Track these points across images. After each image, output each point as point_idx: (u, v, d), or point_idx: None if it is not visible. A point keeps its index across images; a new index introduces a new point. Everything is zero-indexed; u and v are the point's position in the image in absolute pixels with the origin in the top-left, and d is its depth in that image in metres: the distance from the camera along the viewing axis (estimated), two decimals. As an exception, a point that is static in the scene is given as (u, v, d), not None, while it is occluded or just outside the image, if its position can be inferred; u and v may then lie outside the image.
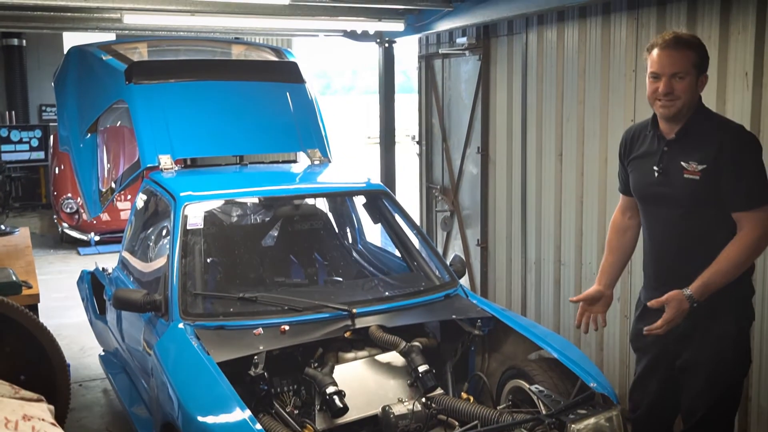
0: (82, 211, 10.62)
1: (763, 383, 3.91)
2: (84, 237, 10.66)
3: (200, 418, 3.01)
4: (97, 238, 10.60)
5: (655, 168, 3.09)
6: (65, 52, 6.13)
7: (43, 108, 13.34)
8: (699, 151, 2.96)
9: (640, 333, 3.21)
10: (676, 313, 2.96)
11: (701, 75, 3.00)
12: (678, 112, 2.99)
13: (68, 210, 10.77)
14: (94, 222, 10.39)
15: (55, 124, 12.52)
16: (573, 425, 3.15)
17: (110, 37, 8.71)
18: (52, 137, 12.02)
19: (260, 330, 3.58)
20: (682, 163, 2.99)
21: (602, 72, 4.84)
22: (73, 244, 10.83)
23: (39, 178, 13.18)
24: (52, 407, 2.22)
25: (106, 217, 10.39)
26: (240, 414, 2.97)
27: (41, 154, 12.91)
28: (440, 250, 6.80)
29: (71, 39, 12.67)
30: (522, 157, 5.75)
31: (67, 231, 10.82)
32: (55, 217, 11.20)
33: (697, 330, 3.09)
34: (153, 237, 4.66)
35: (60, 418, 2.85)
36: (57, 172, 11.29)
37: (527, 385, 3.56)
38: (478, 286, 6.47)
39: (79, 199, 10.60)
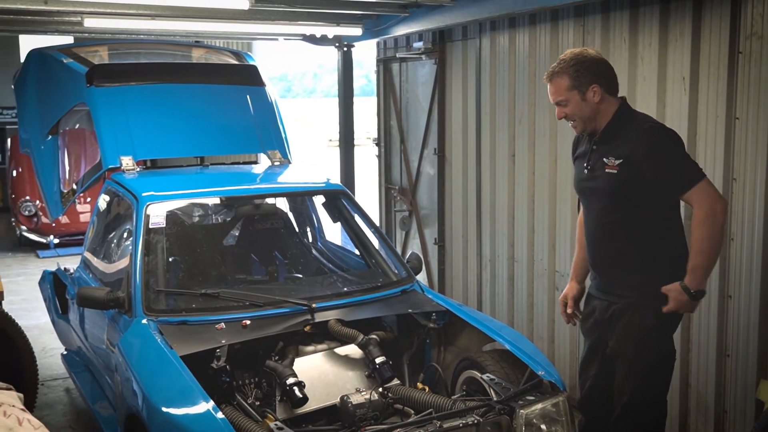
0: (41, 213, 10.57)
1: (701, 370, 4.12)
2: (43, 240, 10.59)
3: (165, 409, 3.11)
4: (56, 240, 10.55)
5: (585, 165, 3.38)
6: (21, 54, 6.16)
7: (0, 110, 13.21)
8: (618, 148, 3.23)
9: (584, 318, 3.51)
10: (677, 304, 3.18)
11: (586, 90, 3.25)
12: (584, 128, 3.34)
13: (27, 213, 10.70)
14: (53, 225, 10.34)
15: (12, 126, 12.51)
16: (522, 410, 3.31)
17: (68, 40, 8.70)
18: (9, 140, 11.92)
19: (222, 325, 3.69)
20: (604, 159, 3.26)
21: (552, 76, 5.03)
22: (32, 247, 10.76)
23: (-5, 181, 13.06)
24: (21, 395, 2.31)
25: (66, 220, 10.34)
26: (204, 405, 3.07)
27: (-2, 157, 12.82)
28: (399, 249, 6.96)
29: (27, 42, 12.58)
30: (477, 158, 5.94)
31: (25, 234, 10.74)
32: (13, 220, 11.11)
33: (621, 319, 3.32)
34: (116, 237, 4.73)
35: (29, 406, 2.93)
36: (15, 174, 11.21)
37: (480, 375, 3.73)
38: (436, 284, 6.64)
39: (38, 201, 10.54)
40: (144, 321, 3.72)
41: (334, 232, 5.54)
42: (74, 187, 5.57)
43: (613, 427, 3.47)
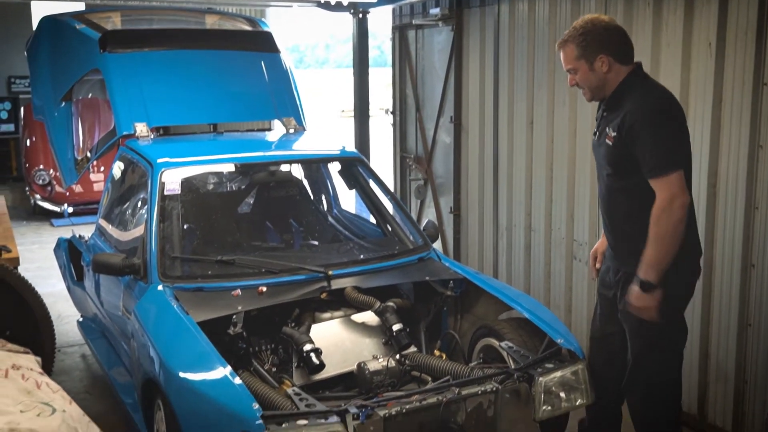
0: (55, 182, 10.57)
1: (722, 341, 4.07)
2: (57, 209, 10.61)
3: (182, 375, 3.10)
4: (70, 209, 10.56)
5: (596, 131, 3.39)
6: (34, 22, 6.10)
7: (12, 80, 13.18)
8: (616, 119, 3.18)
9: (600, 276, 3.54)
10: (637, 307, 3.15)
11: (593, 60, 3.21)
12: (592, 97, 3.33)
13: (41, 182, 10.70)
14: (67, 193, 10.35)
15: (26, 96, 12.49)
16: (540, 378, 3.29)
17: (80, 6, 8.62)
18: (22, 109, 11.90)
19: (238, 291, 3.67)
20: (607, 129, 3.24)
21: (572, 42, 4.93)
22: (46, 216, 10.78)
23: (9, 151, 13.06)
24: (39, 359, 2.30)
25: (79, 189, 10.34)
26: (221, 370, 3.06)
27: (11, 127, 12.80)
28: (414, 218, 6.90)
29: (39, 9, 12.51)
30: (494, 126, 5.86)
31: (39, 203, 10.76)
32: (27, 189, 11.12)
33: (627, 285, 3.24)
34: (130, 204, 4.70)
35: (46, 371, 2.93)
36: (29, 144, 11.20)
37: (497, 343, 3.70)
38: (451, 252, 6.60)
39: (51, 170, 10.54)
40: (160, 287, 3.71)
41: (348, 201, 5.50)
42: (88, 154, 5.54)
43: (624, 390, 3.46)
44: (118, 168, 5.03)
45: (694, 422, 4.27)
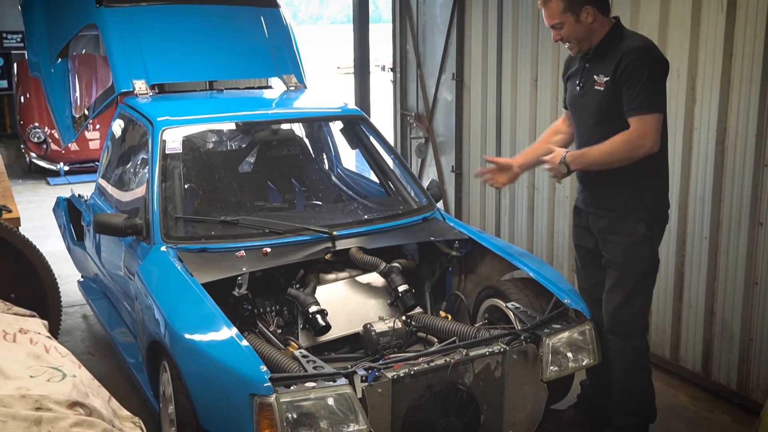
0: (51, 140, 10.48)
1: (728, 298, 4.07)
2: (53, 167, 10.55)
3: (188, 336, 3.08)
4: (66, 168, 10.50)
5: (578, 83, 3.46)
6: (25, -24, 5.96)
7: (5, 35, 12.95)
8: (605, 66, 3.31)
9: (577, 231, 3.72)
10: (551, 166, 3.43)
11: (579, 11, 3.30)
12: (579, 49, 3.41)
13: (36, 139, 10.61)
14: (63, 152, 10.27)
15: (18, 52, 12.30)
16: (548, 339, 3.28)
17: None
18: (15, 65, 11.73)
19: (242, 252, 3.63)
20: (594, 77, 3.36)
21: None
22: (42, 174, 10.71)
23: (3, 108, 12.92)
24: (45, 322, 2.26)
25: (75, 147, 10.26)
26: (227, 331, 3.04)
27: (4, 83, 12.64)
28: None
29: (31, -37, 12.28)
30: (497, 83, 5.77)
31: (35, 161, 10.68)
32: (22, 146, 11.03)
33: (613, 230, 3.45)
34: (131, 163, 4.64)
35: (53, 333, 2.90)
36: (23, 101, 11.07)
37: (503, 303, 3.68)
38: (453, 212, 6.56)
39: (46, 128, 10.44)
40: (163, 248, 3.67)
41: (349, 159, 5.44)
42: (86, 111, 5.46)
43: (602, 336, 3.55)
44: (117, 126, 4.96)
45: (699, 379, 4.29)
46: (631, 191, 3.40)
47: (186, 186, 4.17)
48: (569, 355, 3.36)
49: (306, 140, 5.10)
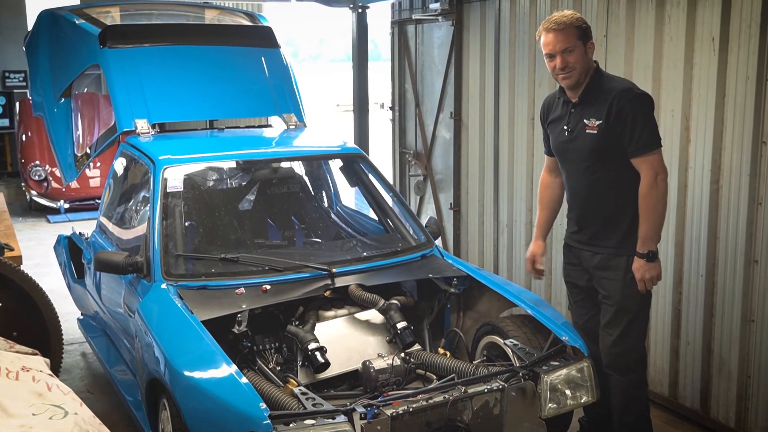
0: (51, 178, 10.54)
1: (725, 336, 4.08)
2: (53, 204, 10.58)
3: (187, 373, 3.09)
4: (66, 205, 10.54)
5: (565, 128, 3.54)
6: (28, 16, 6.07)
7: (7, 74, 13.10)
8: (597, 109, 3.42)
9: (568, 269, 3.81)
10: (639, 273, 3.45)
11: (587, 43, 3.46)
12: (577, 80, 3.48)
13: (37, 177, 10.67)
14: (64, 190, 10.32)
15: (20, 90, 12.42)
16: (546, 376, 3.30)
17: (75, 0, 8.56)
18: (18, 104, 11.84)
19: (242, 290, 3.66)
20: (585, 120, 3.45)
21: (573, 37, 4.92)
22: (42, 212, 10.74)
23: (4, 146, 13.01)
24: (47, 360, 2.28)
25: (76, 185, 10.31)
26: (227, 369, 3.05)
27: (6, 122, 12.74)
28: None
29: (33, 3, 12.43)
30: (495, 122, 5.85)
31: (35, 199, 10.72)
32: (23, 184, 11.08)
33: (608, 266, 3.54)
34: (132, 201, 4.68)
35: (54, 370, 2.92)
36: (24, 139, 11.15)
37: (501, 340, 3.70)
38: (451, 249, 6.59)
39: (47, 166, 10.51)
40: (163, 285, 3.69)
41: (348, 196, 5.48)
42: (88, 150, 5.51)
43: (601, 372, 3.60)
44: (119, 164, 5.01)
45: (698, 417, 4.28)
46: (625, 228, 3.49)
47: (187, 224, 4.21)
48: (567, 392, 3.37)
49: (305, 178, 5.15)
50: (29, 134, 11.06)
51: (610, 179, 3.48)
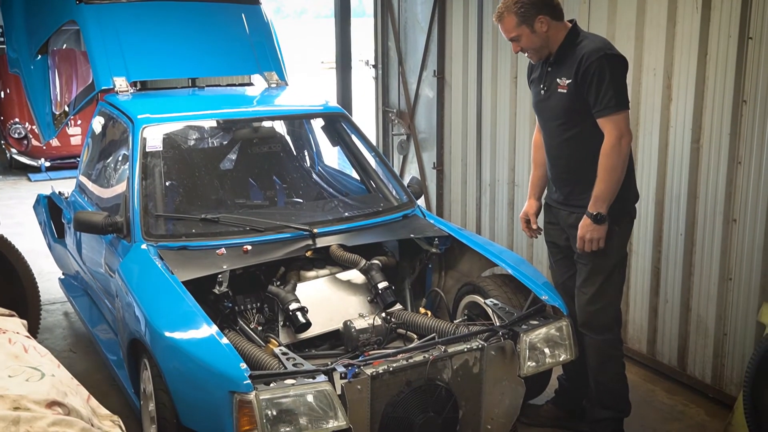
0: (31, 136, 10.42)
1: (702, 294, 4.13)
2: (34, 163, 10.49)
3: (168, 334, 3.09)
4: (47, 164, 10.44)
5: (541, 87, 3.55)
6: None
7: (-16, 30, 12.84)
8: (567, 69, 3.41)
9: (547, 227, 3.81)
10: (582, 231, 3.44)
11: (533, 22, 3.39)
12: (539, 57, 3.51)
13: (16, 135, 10.54)
14: (44, 148, 10.21)
15: (-1, 46, 12.17)
16: (525, 335, 3.33)
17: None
18: (-5, 60, 11.63)
19: (223, 250, 3.65)
20: (557, 80, 3.45)
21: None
22: (23, 171, 10.65)
23: (-17, 104, 12.79)
24: (24, 321, 2.27)
25: (57, 143, 10.21)
26: (207, 329, 3.06)
27: (-17, 79, 12.51)
28: (397, 173, 6.88)
29: (11, -43, 12.15)
30: (478, 80, 5.81)
31: (16, 157, 10.61)
32: (2, 142, 10.95)
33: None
34: (111, 160, 4.63)
35: (32, 332, 2.91)
36: (3, 96, 10.99)
37: (482, 300, 3.72)
38: (434, 208, 6.60)
39: (27, 124, 10.37)
40: (143, 246, 3.68)
41: (330, 156, 5.45)
42: (66, 108, 5.44)
43: (579, 328, 3.62)
44: (98, 123, 4.95)
45: (675, 374, 4.35)
46: None
47: (167, 184, 4.18)
48: (546, 350, 3.40)
49: (287, 138, 5.12)
50: (8, 91, 10.90)
51: (582, 138, 3.45)
